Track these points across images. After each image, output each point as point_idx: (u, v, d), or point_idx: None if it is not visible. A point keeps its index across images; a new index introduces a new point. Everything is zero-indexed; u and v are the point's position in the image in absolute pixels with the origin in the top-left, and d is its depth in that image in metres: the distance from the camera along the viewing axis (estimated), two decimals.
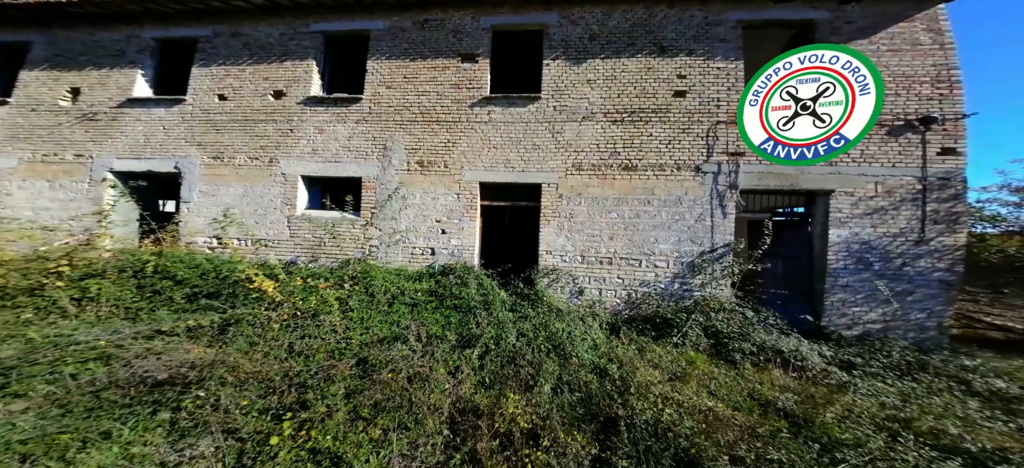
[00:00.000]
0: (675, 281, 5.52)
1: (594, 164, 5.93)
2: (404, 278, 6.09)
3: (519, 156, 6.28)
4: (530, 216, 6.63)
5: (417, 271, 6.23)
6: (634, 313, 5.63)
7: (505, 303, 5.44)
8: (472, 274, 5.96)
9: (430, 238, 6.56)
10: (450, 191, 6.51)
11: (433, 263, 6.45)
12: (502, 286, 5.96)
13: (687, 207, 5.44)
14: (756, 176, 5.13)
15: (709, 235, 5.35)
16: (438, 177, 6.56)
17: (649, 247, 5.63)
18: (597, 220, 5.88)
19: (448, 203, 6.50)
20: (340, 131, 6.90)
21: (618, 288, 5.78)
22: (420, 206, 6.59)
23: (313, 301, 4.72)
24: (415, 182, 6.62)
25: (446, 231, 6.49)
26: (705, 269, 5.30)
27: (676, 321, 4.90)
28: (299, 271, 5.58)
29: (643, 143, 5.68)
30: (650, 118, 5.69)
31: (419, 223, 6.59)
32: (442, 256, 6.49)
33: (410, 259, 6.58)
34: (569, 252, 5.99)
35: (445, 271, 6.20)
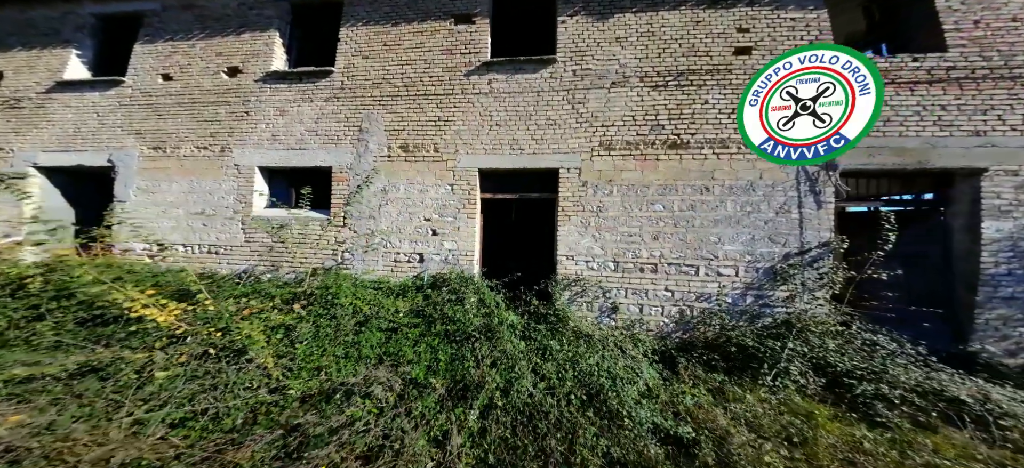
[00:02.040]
0: (747, 293, 4.05)
1: (629, 141, 4.52)
2: (383, 293, 4.67)
3: (529, 134, 4.90)
4: (544, 211, 5.20)
5: (401, 283, 4.81)
6: (689, 336, 4.15)
7: (515, 328, 3.99)
8: (471, 287, 4.53)
9: (417, 241, 5.14)
10: (442, 181, 5.12)
11: (421, 273, 5.03)
12: (510, 303, 4.51)
13: (763, 195, 4.01)
14: (863, 153, 3.70)
15: (796, 231, 3.91)
16: (427, 164, 5.17)
17: (709, 249, 4.18)
18: (635, 214, 4.44)
19: (440, 196, 5.10)
20: (306, 112, 5.57)
21: (666, 303, 4.31)
22: (405, 201, 5.20)
23: (249, 330, 3.28)
24: (398, 171, 5.24)
25: (437, 232, 5.08)
26: (792, 277, 3.84)
27: (761, 350, 3.42)
28: (234, 289, 4.16)
29: (696, 113, 4.29)
30: (704, 81, 4.31)
31: (403, 222, 5.18)
32: (433, 263, 5.06)
33: (393, 267, 5.16)
34: (598, 257, 4.55)
35: (436, 283, 4.77)
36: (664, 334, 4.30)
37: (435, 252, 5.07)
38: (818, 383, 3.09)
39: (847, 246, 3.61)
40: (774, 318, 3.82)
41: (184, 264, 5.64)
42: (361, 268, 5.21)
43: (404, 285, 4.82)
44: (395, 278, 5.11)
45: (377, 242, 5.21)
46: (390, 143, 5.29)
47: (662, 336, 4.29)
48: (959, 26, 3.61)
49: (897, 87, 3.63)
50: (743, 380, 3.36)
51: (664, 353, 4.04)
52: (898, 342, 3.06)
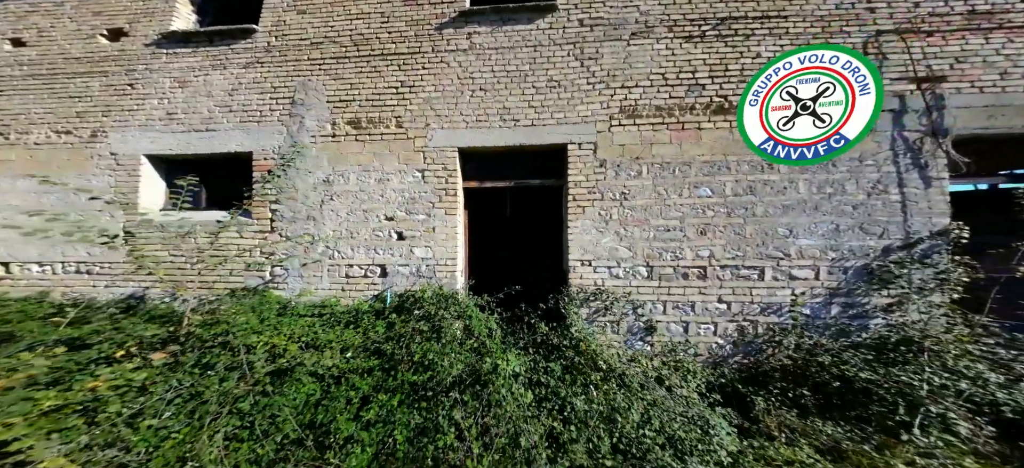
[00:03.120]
0: (832, 302, 2.99)
1: (659, 106, 3.40)
2: (326, 322, 3.30)
3: (525, 101, 3.68)
4: (549, 203, 3.99)
5: (354, 307, 3.45)
6: (753, 362, 3.04)
7: (516, 375, 2.72)
8: (452, 308, 3.25)
9: (377, 248, 3.77)
10: (408, 166, 3.79)
11: (383, 291, 3.67)
12: (508, 329, 3.26)
13: (848, 171, 2.99)
14: (981, 114, 2.76)
15: (899, 217, 2.90)
16: (387, 144, 3.82)
17: (778, 244, 3.10)
18: (673, 202, 3.31)
19: (406, 187, 3.76)
20: (216, 82, 4.07)
21: (720, 319, 3.19)
22: (357, 195, 3.81)
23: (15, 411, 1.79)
24: (346, 155, 3.86)
25: (405, 235, 3.73)
26: (896, 278, 2.83)
27: (882, 385, 2.34)
28: (55, 332, 2.62)
29: (745, 69, 3.23)
30: (753, 30, 3.27)
31: (356, 224, 3.79)
32: (399, 278, 3.70)
33: (344, 285, 3.76)
34: (624, 260, 3.37)
35: (404, 305, 3.44)
36: (718, 360, 3.17)
37: (402, 262, 3.71)
38: (987, 434, 2.03)
39: (964, 234, 2.65)
40: (879, 334, 2.78)
41: (45, 287, 3.96)
42: (299, 287, 3.76)
43: (357, 309, 3.44)
44: (347, 299, 3.71)
45: (320, 252, 3.78)
46: (335, 118, 3.90)
47: (715, 362, 3.16)
48: None
49: (1010, 32, 2.76)
50: (865, 431, 2.26)
51: (725, 387, 2.90)
52: None
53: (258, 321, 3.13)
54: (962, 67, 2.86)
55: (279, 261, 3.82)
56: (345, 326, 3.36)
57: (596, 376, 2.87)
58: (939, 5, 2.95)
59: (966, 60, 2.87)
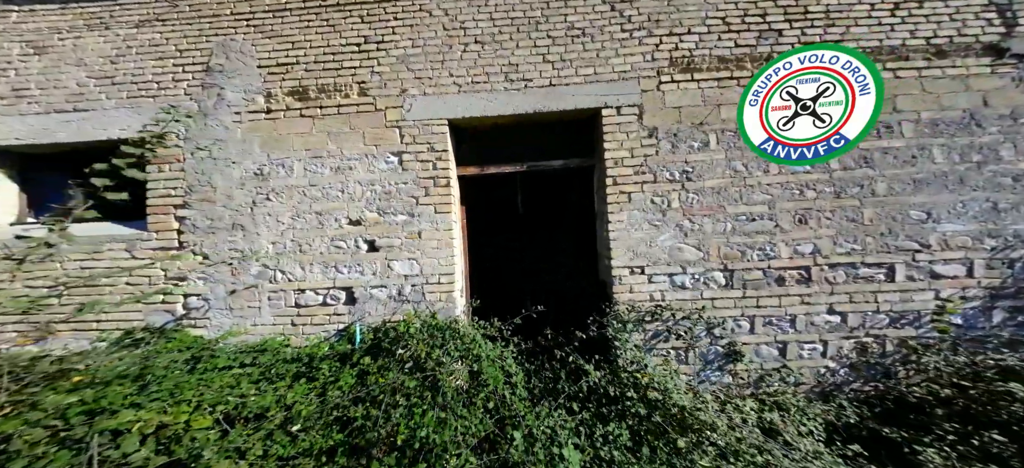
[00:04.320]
0: (994, 306, 2.13)
1: (723, 58, 2.49)
2: (265, 373, 2.18)
3: (539, 54, 2.69)
4: (577, 191, 2.99)
5: (306, 351, 2.33)
6: (879, 390, 2.14)
7: (561, 454, 1.67)
8: (451, 343, 2.24)
9: (338, 265, 2.64)
10: (379, 148, 2.71)
11: (351, 323, 2.56)
12: (530, 367, 2.25)
13: (1000, 133, 2.16)
14: None
15: None
16: (346, 120, 2.73)
17: (911, 232, 2.23)
18: (756, 180, 2.38)
19: (377, 177, 2.68)
20: (93, 47, 2.86)
21: (832, 335, 2.27)
22: (306, 191, 2.68)
23: None
24: (288, 137, 2.74)
25: (378, 244, 2.63)
26: None
27: None
28: None
29: (831, 9, 2.38)
30: None
31: (307, 231, 2.66)
32: (373, 304, 2.60)
33: (294, 317, 2.64)
34: (691, 263, 2.40)
35: (380, 343, 2.39)
36: (827, 389, 2.25)
37: (376, 282, 2.60)
38: None
39: None
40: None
41: None
42: (227, 323, 2.59)
43: (312, 354, 2.34)
44: (299, 337, 2.58)
45: (254, 274, 2.61)
46: (270, 88, 2.76)
47: (825, 392, 2.24)
48: None
49: None
50: None
51: (855, 429, 1.99)
52: None
53: (137, 389, 1.94)
54: None
55: (196, 290, 2.61)
56: (294, 379, 2.25)
57: (684, 441, 1.87)
58: None
59: None
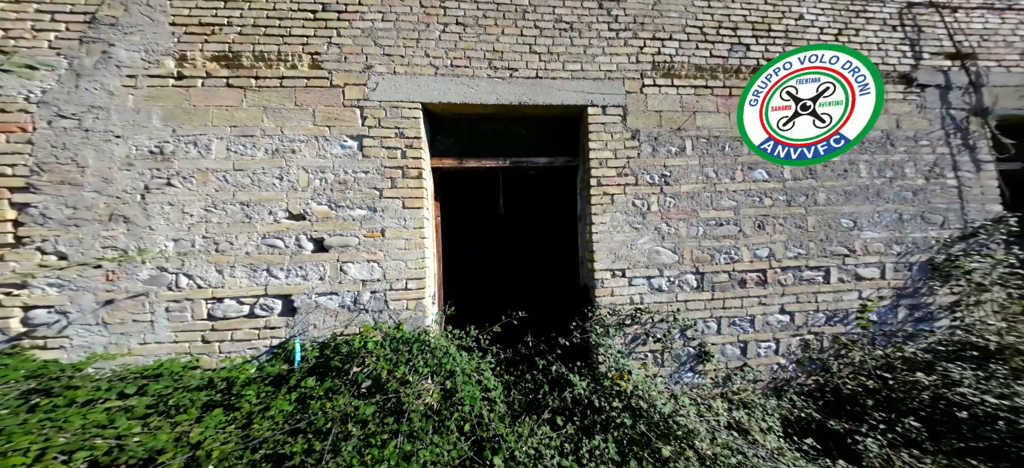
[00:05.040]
0: (899, 304, 2.55)
1: (699, 66, 2.62)
2: (158, 405, 1.65)
3: (524, 44, 2.53)
4: (561, 191, 2.89)
5: (223, 372, 1.80)
6: (818, 384, 2.44)
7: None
8: (420, 357, 1.96)
9: (272, 268, 2.16)
10: (334, 130, 2.29)
11: (289, 338, 2.09)
12: (510, 379, 2.10)
13: (906, 152, 2.60)
14: (1014, 94, 2.62)
15: (957, 205, 2.60)
16: (292, 94, 2.27)
17: (842, 238, 2.55)
18: (725, 186, 2.54)
19: (329, 163, 2.26)
20: None
21: (783, 333, 2.51)
22: (229, 177, 2.16)
23: None
24: (206, 109, 2.18)
25: (328, 243, 2.21)
26: (952, 273, 2.50)
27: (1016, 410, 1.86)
28: None
29: (790, 30, 2.67)
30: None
31: (229, 226, 2.12)
32: (320, 315, 2.17)
33: (207, 333, 2.10)
34: (668, 266, 2.47)
35: (329, 362, 1.98)
36: (780, 385, 2.49)
37: (325, 288, 2.19)
38: None
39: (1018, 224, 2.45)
40: (951, 340, 2.39)
41: None
42: (98, 343, 1.94)
43: (231, 378, 1.87)
44: (211, 358, 2.05)
45: (143, 279, 2.00)
46: (186, 50, 2.19)
47: (778, 388, 2.47)
48: None
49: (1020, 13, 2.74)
50: None
51: (806, 423, 2.22)
52: None
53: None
54: (987, 45, 2.75)
55: (49, 300, 1.90)
56: (204, 410, 1.78)
57: (668, 449, 1.87)
58: None
59: (989, 38, 2.77)
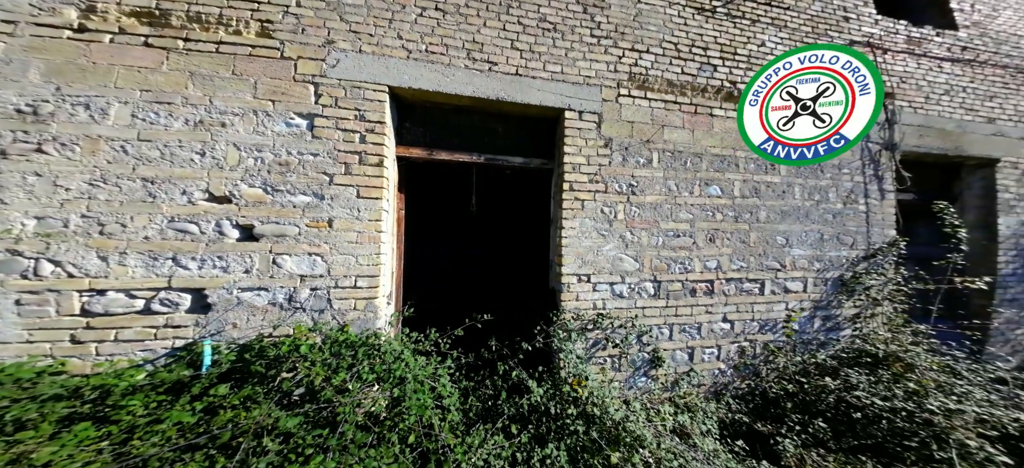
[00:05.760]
0: (815, 315, 2.93)
1: (671, 81, 2.72)
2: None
3: (506, 39, 2.42)
4: (533, 194, 2.84)
5: (99, 378, 1.53)
6: (751, 386, 2.75)
7: None
8: (365, 363, 1.88)
9: (180, 256, 1.88)
10: (279, 106, 2.02)
11: (198, 338, 1.82)
12: (471, 385, 2.08)
13: (831, 179, 2.95)
14: (915, 133, 3.10)
15: (864, 228, 3.02)
16: (229, 60, 1.97)
17: (776, 255, 2.85)
18: (684, 200, 2.69)
19: (269, 142, 2.00)
20: None
21: (724, 340, 2.77)
22: (129, 147, 1.82)
23: None
24: (107, 69, 1.83)
25: (258, 232, 1.97)
26: (856, 288, 2.93)
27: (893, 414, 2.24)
28: None
29: (752, 56, 2.87)
30: (758, 17, 2.93)
31: (122, 206, 1.80)
32: (242, 314, 1.94)
33: (79, 331, 1.74)
34: (630, 274, 2.58)
35: (249, 366, 1.78)
36: (719, 388, 2.76)
37: (251, 283, 1.96)
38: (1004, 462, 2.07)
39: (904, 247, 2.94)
40: (838, 343, 2.82)
41: None
42: None
43: (106, 386, 1.63)
44: (85, 361, 1.73)
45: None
46: (98, 1, 1.74)
47: (718, 391, 2.74)
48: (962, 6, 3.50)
49: (932, 61, 3.22)
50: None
51: (738, 426, 2.48)
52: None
53: None
54: (904, 87, 3.21)
55: None
56: (63, 425, 1.54)
57: (616, 455, 1.97)
58: (889, 26, 3.24)
59: (907, 80, 3.23)
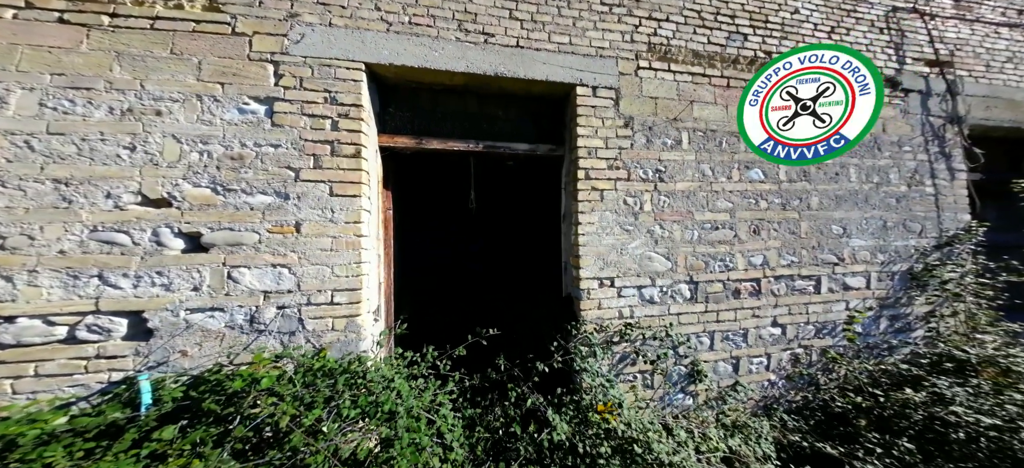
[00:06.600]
0: (881, 316, 2.47)
1: (697, 52, 2.34)
2: None
3: (504, 8, 2.07)
4: (541, 185, 2.46)
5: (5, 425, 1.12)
6: (806, 400, 2.29)
7: None
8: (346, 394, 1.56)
9: (103, 274, 1.51)
10: (230, 90, 1.68)
11: (137, 371, 1.42)
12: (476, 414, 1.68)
13: (891, 158, 2.53)
14: (981, 104, 2.68)
15: (933, 213, 2.58)
16: (168, 38, 1.66)
17: (833, 246, 2.42)
18: (721, 186, 2.29)
19: (218, 132, 1.64)
20: None
21: (774, 348, 2.33)
22: (35, 141, 1.45)
23: None
24: (5, 49, 1.44)
25: (207, 240, 1.61)
26: (929, 282, 2.48)
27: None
28: None
29: (785, 24, 2.49)
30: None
31: (27, 214, 1.41)
32: (187, 340, 1.55)
33: None
34: (660, 274, 2.16)
35: (198, 407, 1.38)
36: (770, 402, 2.31)
37: (202, 302, 1.57)
38: None
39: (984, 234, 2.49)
40: (910, 348, 2.35)
41: None
42: None
43: (7, 437, 1.20)
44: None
45: None
46: None
47: (768, 406, 2.29)
48: None
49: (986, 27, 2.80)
50: None
51: (799, 449, 2.03)
52: None
53: None
54: (960, 55, 2.80)
55: None
56: None
57: None
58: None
59: (961, 48, 2.82)
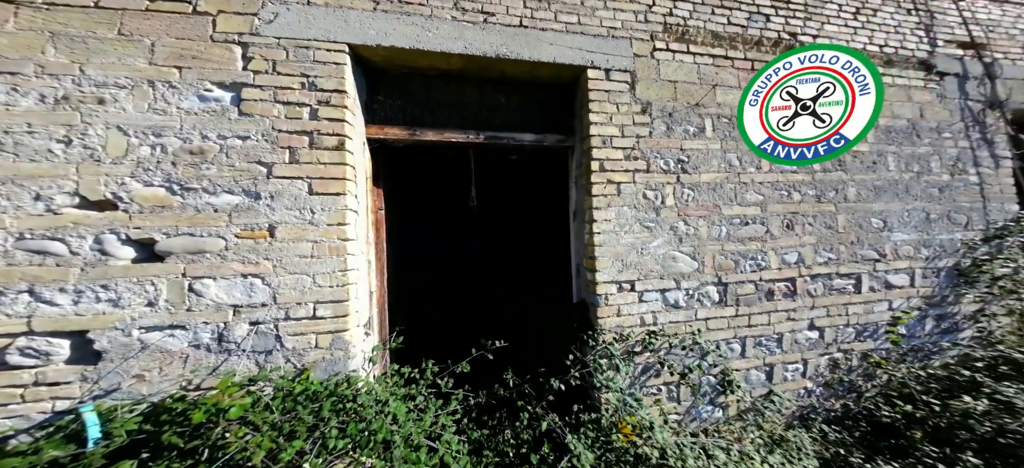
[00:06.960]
0: (927, 316, 2.24)
1: (717, 33, 2.13)
2: None
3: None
4: (549, 180, 2.23)
5: None
6: (846, 409, 2.06)
7: None
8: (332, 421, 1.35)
9: (34, 290, 1.25)
10: (189, 74, 1.45)
11: (80, 402, 1.18)
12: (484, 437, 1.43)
13: (930, 145, 2.31)
14: (1022, 87, 2.46)
15: (979, 203, 2.35)
16: (114, 18, 1.43)
17: (873, 241, 2.20)
18: (750, 177, 2.07)
19: (174, 123, 1.42)
20: None
21: (812, 352, 2.10)
22: None
23: None
24: None
25: (163, 248, 1.38)
26: (978, 278, 2.25)
27: None
28: None
29: (810, 3, 2.29)
30: None
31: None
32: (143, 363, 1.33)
33: None
34: (686, 275, 1.93)
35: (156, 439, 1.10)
36: (806, 412, 2.07)
37: (160, 319, 1.34)
38: None
39: None
40: (987, 356, 2.11)
41: None
42: None
43: None
44: None
45: None
46: None
47: (804, 416, 2.05)
48: None
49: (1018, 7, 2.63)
50: None
51: (840, 461, 1.81)
52: None
53: None
54: (993, 36, 2.60)
55: None
56: None
57: None
58: None
59: (994, 29, 2.62)
